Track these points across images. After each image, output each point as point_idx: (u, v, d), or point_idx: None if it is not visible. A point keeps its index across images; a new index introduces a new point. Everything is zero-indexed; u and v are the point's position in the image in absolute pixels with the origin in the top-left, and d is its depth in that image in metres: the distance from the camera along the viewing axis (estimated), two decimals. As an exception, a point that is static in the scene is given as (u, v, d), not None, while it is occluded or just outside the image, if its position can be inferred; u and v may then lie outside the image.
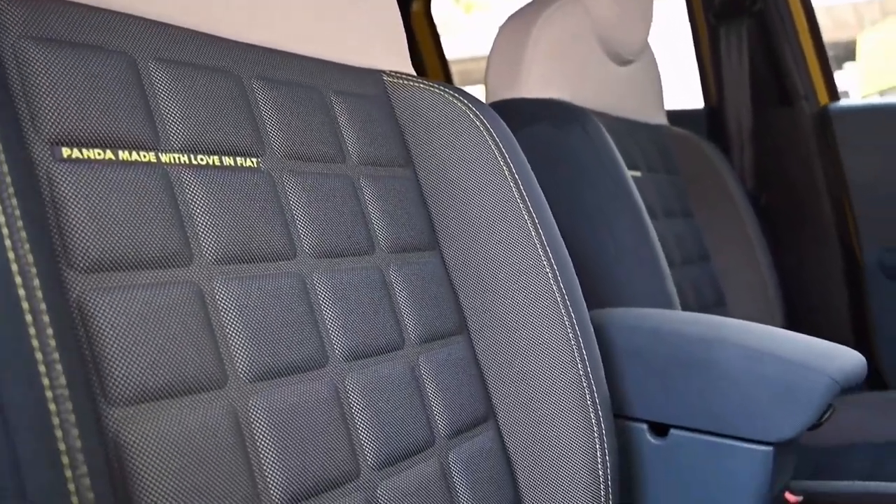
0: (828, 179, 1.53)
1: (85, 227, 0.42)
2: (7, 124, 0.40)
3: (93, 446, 0.36)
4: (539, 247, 0.68)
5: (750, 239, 1.41)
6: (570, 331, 0.67)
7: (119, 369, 0.41)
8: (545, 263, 0.68)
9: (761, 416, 0.72)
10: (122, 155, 0.45)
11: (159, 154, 0.47)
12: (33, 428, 0.33)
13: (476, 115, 0.69)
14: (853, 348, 0.76)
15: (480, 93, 1.03)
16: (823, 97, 1.57)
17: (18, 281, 0.35)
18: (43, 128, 0.42)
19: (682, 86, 1.90)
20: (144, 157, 0.46)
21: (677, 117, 1.48)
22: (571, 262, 0.71)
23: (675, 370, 0.77)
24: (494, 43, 1.13)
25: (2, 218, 0.36)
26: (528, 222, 0.68)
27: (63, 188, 0.42)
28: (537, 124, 1.05)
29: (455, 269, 0.69)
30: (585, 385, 0.67)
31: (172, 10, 0.53)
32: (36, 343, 0.35)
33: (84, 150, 0.43)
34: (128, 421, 0.40)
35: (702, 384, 0.75)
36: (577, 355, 0.67)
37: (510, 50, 1.10)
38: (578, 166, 1.04)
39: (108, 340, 0.41)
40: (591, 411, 0.67)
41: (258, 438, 0.46)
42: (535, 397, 0.66)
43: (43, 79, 0.43)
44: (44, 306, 0.36)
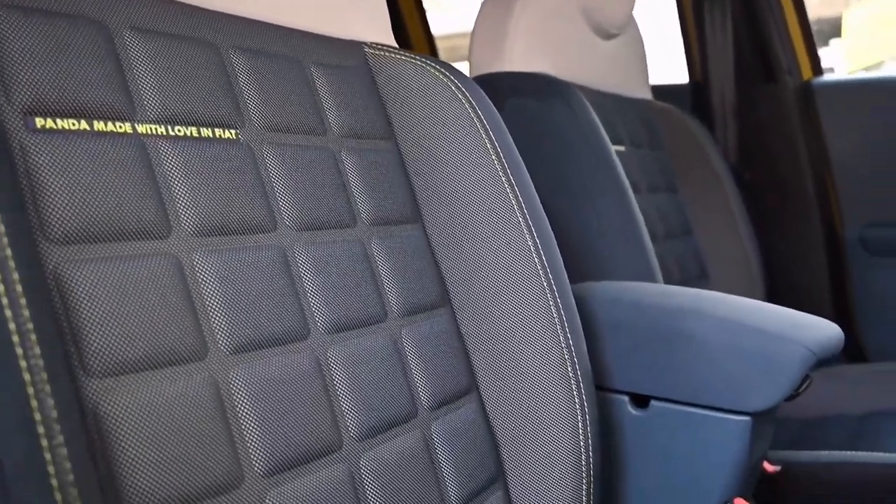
0: (810, 154, 1.54)
1: (60, 199, 0.42)
2: None
3: (70, 417, 0.36)
4: (521, 220, 0.68)
5: (733, 214, 1.42)
6: (551, 304, 0.67)
7: (97, 341, 0.41)
8: (527, 237, 0.68)
9: (739, 387, 0.73)
10: (98, 125, 0.45)
11: (135, 125, 0.47)
12: (7, 398, 0.33)
13: (458, 89, 0.69)
14: (833, 322, 0.77)
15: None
16: (807, 72, 1.58)
17: None
18: (15, 97, 0.42)
19: (667, 60, 1.90)
20: (120, 127, 0.46)
21: (662, 92, 1.48)
22: (554, 235, 0.71)
23: (655, 343, 0.78)
24: (478, 16, 1.12)
25: None
26: (510, 196, 0.68)
27: (37, 159, 0.41)
28: (520, 98, 1.05)
29: (437, 242, 0.69)
30: (567, 357, 0.67)
31: None
32: (9, 313, 0.34)
33: (58, 121, 0.43)
34: (107, 392, 0.40)
35: (681, 356, 0.76)
36: (558, 328, 0.67)
37: (494, 23, 1.09)
38: (562, 140, 1.04)
39: (85, 312, 0.41)
40: (573, 383, 0.67)
41: (239, 410, 0.46)
42: (517, 369, 0.67)
43: (15, 47, 0.42)
44: (16, 276, 0.35)
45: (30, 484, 0.33)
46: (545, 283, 0.67)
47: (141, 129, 0.47)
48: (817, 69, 1.59)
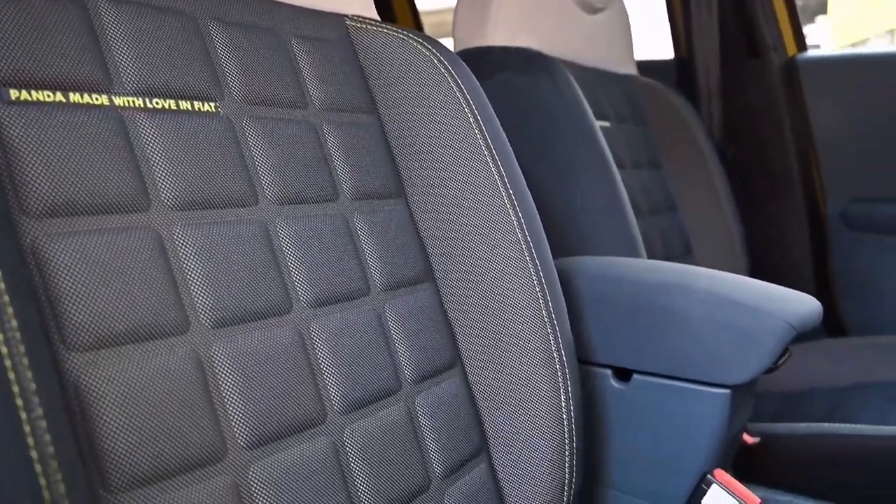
0: (794, 131, 1.55)
1: (37, 172, 0.41)
2: None
3: (50, 390, 0.36)
4: (505, 195, 0.68)
5: (717, 190, 1.43)
6: (535, 278, 0.68)
7: (77, 315, 0.41)
8: (510, 212, 0.68)
9: (719, 361, 0.74)
10: (74, 97, 0.44)
11: (112, 97, 0.46)
12: (-15, 370, 0.33)
13: (442, 63, 0.69)
14: (814, 296, 0.78)
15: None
16: (792, 48, 1.58)
17: None
18: None
19: (653, 35, 1.89)
20: (97, 99, 0.45)
21: (647, 68, 1.47)
22: (537, 211, 0.71)
23: (637, 317, 0.78)
24: (462, -10, 1.11)
25: None
26: (493, 171, 0.68)
27: (12, 131, 0.41)
28: (505, 73, 1.04)
29: (420, 216, 0.69)
30: (550, 331, 0.68)
31: None
32: None
33: (33, 92, 0.42)
34: (88, 366, 0.40)
35: (663, 330, 0.76)
36: (541, 302, 0.68)
37: (478, -3, 1.09)
38: (546, 115, 1.03)
39: (64, 286, 0.41)
40: (556, 357, 0.68)
41: (222, 383, 0.46)
42: (501, 344, 0.67)
43: None
44: None
45: (9, 456, 0.33)
46: (528, 258, 0.68)
47: (118, 101, 0.47)
48: (802, 45, 1.59)
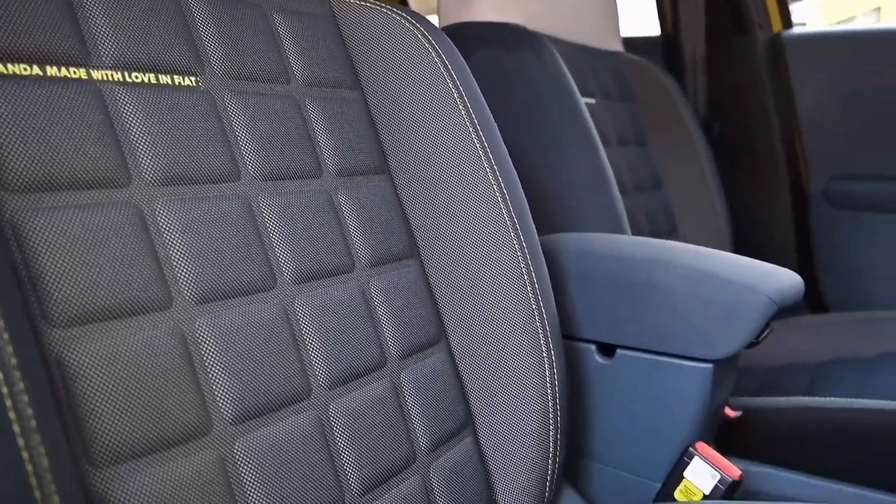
0: (779, 108, 1.55)
1: (15, 146, 0.41)
2: None
3: (31, 364, 0.36)
4: (489, 172, 0.68)
5: (702, 167, 1.44)
6: (519, 254, 0.68)
7: (58, 290, 0.40)
8: (495, 188, 0.68)
9: (702, 335, 0.74)
10: (51, 70, 0.43)
11: (90, 71, 0.46)
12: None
13: (426, 38, 0.68)
14: (797, 273, 0.79)
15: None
16: (778, 25, 1.58)
17: None
18: None
19: (639, 12, 1.88)
20: (74, 73, 0.45)
21: (633, 44, 1.47)
22: (522, 187, 0.72)
23: (621, 292, 0.79)
24: (448, -36, 1.10)
25: None
26: (478, 147, 0.68)
27: (-12, 105, 0.40)
28: (490, 49, 1.04)
29: (405, 192, 0.69)
30: (535, 307, 0.68)
31: None
32: None
33: (9, 65, 0.42)
34: (70, 341, 0.40)
35: (646, 305, 0.77)
36: (526, 279, 0.68)
37: (464, -28, 1.08)
38: (531, 92, 1.03)
39: (45, 261, 0.40)
40: (541, 333, 0.68)
41: (206, 359, 0.46)
42: (486, 319, 0.68)
43: None
44: None
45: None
46: (513, 235, 0.68)
47: (96, 74, 0.46)
48: (788, 23, 1.59)
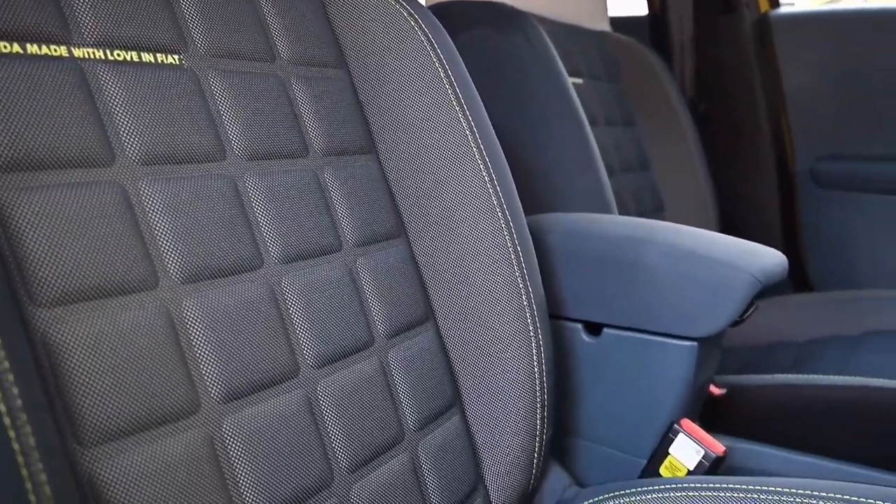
0: (765, 87, 1.56)
1: None
2: None
3: (17, 344, 0.36)
4: (476, 152, 0.68)
5: (689, 147, 1.44)
6: (506, 234, 0.68)
7: (43, 270, 0.40)
8: (482, 168, 0.68)
9: (687, 314, 0.75)
10: (31, 48, 0.43)
11: (72, 48, 0.45)
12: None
13: (412, 17, 0.68)
14: (782, 252, 0.80)
15: None
16: (765, 5, 1.58)
17: None
18: None
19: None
20: (55, 51, 0.44)
21: (621, 24, 1.47)
22: (509, 167, 0.72)
23: (607, 272, 0.79)
24: (434, -58, 1.09)
25: None
26: (464, 127, 0.68)
27: (-32, 83, 0.40)
28: (477, 28, 1.03)
29: (391, 172, 0.69)
30: (521, 287, 0.68)
31: None
32: None
33: None
34: (55, 321, 0.40)
35: (632, 284, 0.78)
36: (513, 258, 0.68)
37: (450, -50, 1.07)
38: (518, 71, 1.03)
39: (29, 241, 0.40)
40: (528, 312, 0.69)
41: (193, 338, 0.47)
42: (473, 299, 0.68)
43: None
44: None
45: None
46: (500, 214, 0.68)
47: (78, 52, 0.45)
48: (775, 2, 1.59)
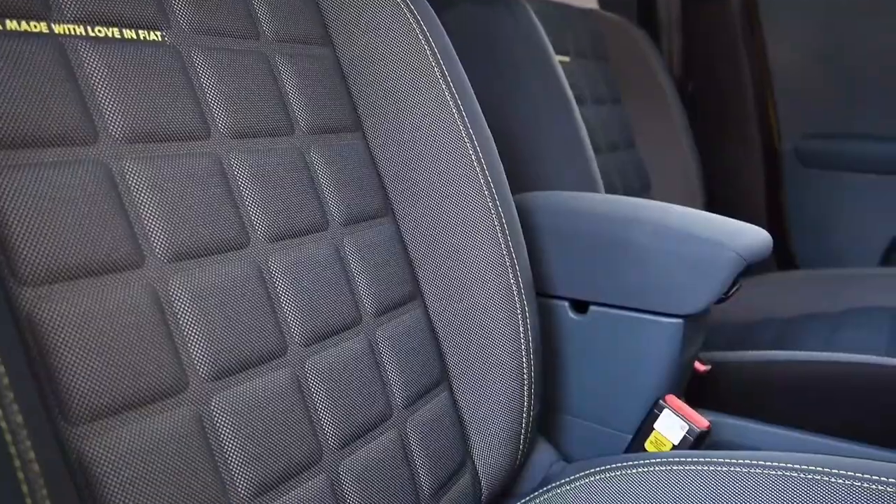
0: (752, 66, 1.56)
1: None
2: None
3: (2, 323, 0.36)
4: (462, 129, 0.68)
5: (675, 126, 1.44)
6: (493, 213, 0.68)
7: (27, 249, 0.40)
8: (468, 145, 0.68)
9: (672, 291, 0.76)
10: (10, 24, 0.42)
11: (52, 24, 0.45)
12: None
13: None
14: (767, 231, 0.80)
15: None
16: (752, -18, 1.57)
17: None
18: None
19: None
20: (35, 27, 0.44)
21: (608, 2, 1.46)
22: (496, 145, 0.72)
23: (594, 250, 0.80)
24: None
25: None
26: (451, 105, 0.68)
27: (-54, 60, 0.39)
28: (463, 6, 1.03)
29: (378, 150, 0.69)
30: (508, 264, 0.69)
31: None
32: None
33: None
34: (41, 300, 0.40)
35: (618, 262, 0.78)
36: (500, 236, 0.68)
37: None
38: (505, 49, 1.02)
39: (12, 220, 0.40)
40: (514, 290, 0.69)
41: (180, 316, 0.46)
42: (460, 276, 0.68)
43: None
44: None
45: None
46: (486, 192, 0.68)
47: (58, 29, 0.45)
48: (762, -20, 1.59)
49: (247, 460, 0.47)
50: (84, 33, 0.46)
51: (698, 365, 0.90)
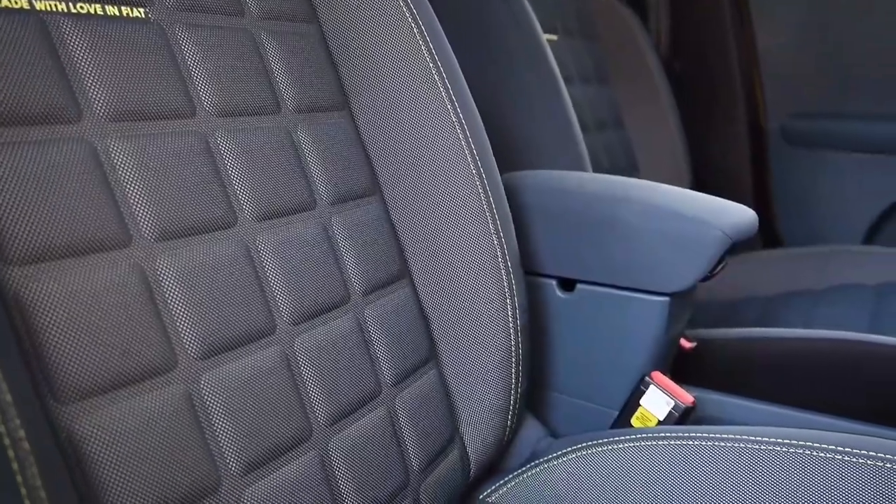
0: (739, 46, 1.56)
1: None
2: None
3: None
4: (450, 107, 0.68)
5: (663, 105, 1.44)
6: (481, 191, 0.68)
7: (12, 228, 0.40)
8: (456, 124, 0.68)
9: (658, 269, 0.77)
10: None
11: (33, 1, 0.44)
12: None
13: None
14: (753, 209, 0.81)
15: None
16: (740, -39, 1.57)
17: None
18: None
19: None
20: (15, 3, 0.43)
21: (596, -20, 1.45)
22: (484, 124, 0.72)
23: (581, 228, 0.80)
24: None
25: None
26: (438, 83, 0.67)
27: (-74, 36, 0.39)
28: (451, -17, 1.02)
29: (365, 128, 0.68)
30: (496, 243, 0.69)
31: None
32: None
33: None
34: (27, 279, 0.40)
35: (605, 241, 0.79)
36: (487, 215, 0.69)
37: None
38: (493, 28, 1.02)
39: None
40: (502, 269, 0.69)
41: (168, 296, 0.46)
42: (448, 255, 0.69)
43: None
44: None
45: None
46: (474, 171, 0.68)
47: (39, 5, 0.44)
48: (750, -42, 1.59)
49: (237, 437, 0.48)
50: (66, 10, 0.46)
51: (684, 342, 0.91)
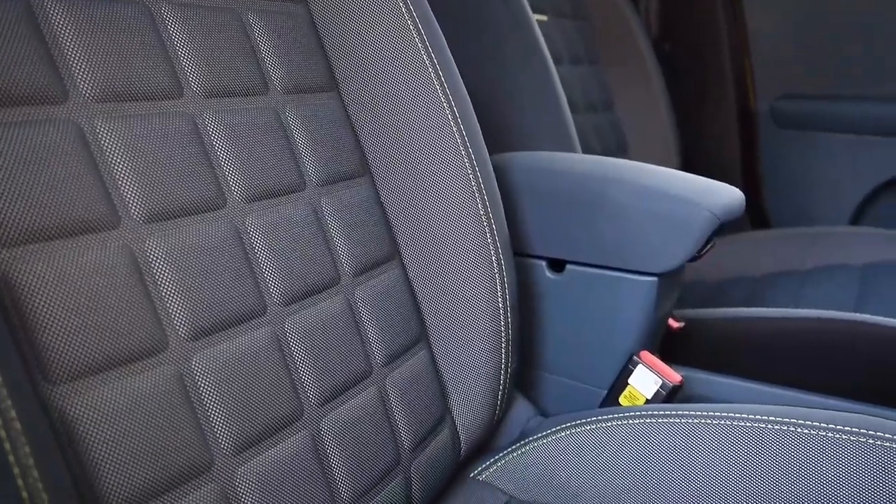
0: (729, 27, 1.56)
1: None
2: None
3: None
4: (439, 88, 0.67)
5: (653, 86, 1.44)
6: (470, 172, 0.68)
7: (1, 211, 0.40)
8: (445, 105, 0.68)
9: (647, 250, 0.77)
10: None
11: None
12: None
13: None
14: (742, 190, 0.81)
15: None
16: (730, -59, 1.57)
17: None
18: None
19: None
20: None
21: (586, -40, 1.45)
22: (473, 105, 0.71)
23: (570, 209, 0.81)
24: None
25: None
26: (427, 63, 0.67)
27: None
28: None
29: (354, 110, 0.68)
30: (486, 224, 0.69)
31: None
32: None
33: None
34: (16, 261, 0.40)
35: (594, 221, 0.79)
36: (477, 196, 0.69)
37: None
38: (481, 8, 1.01)
39: None
40: (492, 249, 0.70)
41: (158, 277, 0.46)
42: (437, 236, 0.69)
43: None
44: None
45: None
46: (463, 152, 0.68)
47: None
48: (740, -62, 1.58)
49: (228, 417, 0.48)
50: None
51: (672, 322, 0.92)
